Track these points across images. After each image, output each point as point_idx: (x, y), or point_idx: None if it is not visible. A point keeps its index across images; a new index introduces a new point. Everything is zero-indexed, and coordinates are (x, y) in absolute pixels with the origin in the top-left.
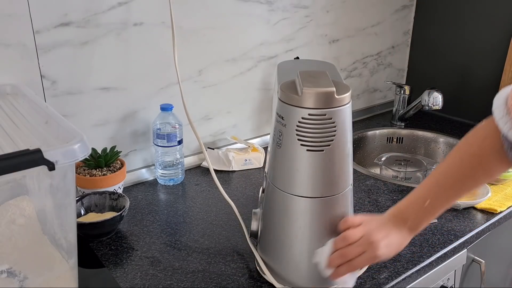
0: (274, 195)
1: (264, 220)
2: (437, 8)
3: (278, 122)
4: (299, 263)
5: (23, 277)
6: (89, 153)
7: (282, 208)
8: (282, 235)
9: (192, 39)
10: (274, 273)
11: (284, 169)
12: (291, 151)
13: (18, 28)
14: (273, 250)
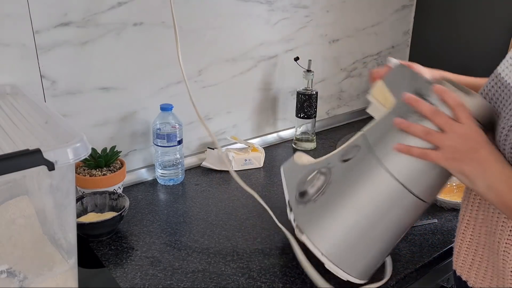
0: (379, 177)
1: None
2: (437, 8)
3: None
4: (367, 252)
5: (23, 277)
6: (89, 153)
7: (380, 193)
8: (363, 219)
9: (192, 39)
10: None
11: (415, 162)
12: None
13: (18, 28)
14: (334, 227)
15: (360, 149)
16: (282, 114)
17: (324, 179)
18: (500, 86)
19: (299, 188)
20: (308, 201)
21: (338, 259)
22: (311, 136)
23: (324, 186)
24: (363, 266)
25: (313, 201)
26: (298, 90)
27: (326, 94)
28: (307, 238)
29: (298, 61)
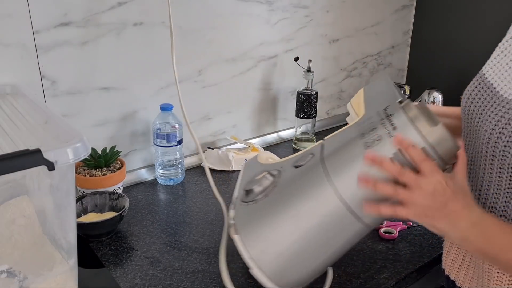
0: (323, 192)
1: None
2: (437, 8)
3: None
4: (298, 266)
5: (23, 277)
6: (89, 153)
7: (321, 208)
8: (298, 231)
9: (192, 39)
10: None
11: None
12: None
13: (18, 28)
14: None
15: (314, 158)
16: (282, 114)
17: (271, 181)
18: (483, 86)
19: (247, 186)
20: (250, 201)
21: (265, 266)
22: (311, 136)
23: (269, 188)
24: (291, 279)
25: (255, 201)
26: (298, 90)
27: (326, 94)
28: (239, 239)
29: (298, 61)
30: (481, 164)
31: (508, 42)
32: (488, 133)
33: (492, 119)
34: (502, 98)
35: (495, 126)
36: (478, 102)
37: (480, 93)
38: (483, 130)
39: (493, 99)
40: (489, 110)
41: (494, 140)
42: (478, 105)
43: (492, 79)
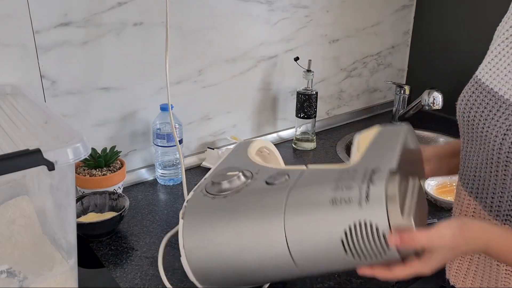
0: (273, 223)
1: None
2: (437, 8)
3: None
4: (224, 278)
5: (23, 277)
6: (89, 153)
7: (263, 236)
8: (235, 246)
9: (192, 39)
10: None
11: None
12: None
13: (18, 28)
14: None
15: (286, 182)
16: (282, 114)
17: (237, 184)
18: (481, 91)
19: (216, 178)
20: (210, 194)
21: (193, 260)
22: (311, 136)
23: (230, 191)
24: (212, 282)
25: (212, 197)
26: (298, 90)
27: (326, 94)
28: (182, 224)
29: (298, 61)
30: (492, 171)
31: (500, 46)
32: (500, 139)
33: (502, 124)
34: (509, 103)
35: (508, 131)
36: (479, 108)
37: (480, 99)
38: (492, 136)
39: (497, 104)
40: (496, 115)
41: (508, 146)
42: (480, 111)
43: (491, 84)
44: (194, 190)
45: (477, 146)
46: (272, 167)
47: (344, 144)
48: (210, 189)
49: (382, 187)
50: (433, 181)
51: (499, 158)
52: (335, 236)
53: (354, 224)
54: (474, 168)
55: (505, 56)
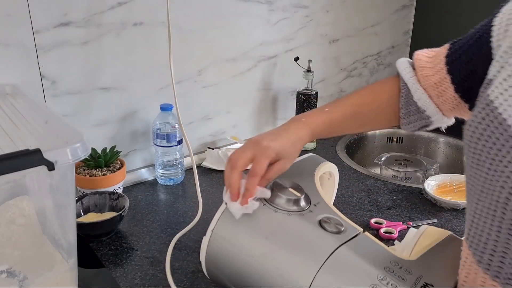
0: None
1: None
2: (437, 8)
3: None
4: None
5: (23, 277)
6: (88, 153)
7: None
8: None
9: (192, 39)
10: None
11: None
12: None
13: (18, 28)
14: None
15: (338, 235)
16: (282, 114)
17: (293, 208)
18: (493, 120)
19: (277, 185)
20: (262, 200)
21: (212, 246)
22: None
23: (283, 209)
24: (216, 275)
25: (264, 204)
26: (298, 90)
27: (326, 94)
28: (222, 210)
29: (298, 61)
30: (493, 225)
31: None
32: (507, 192)
33: (510, 173)
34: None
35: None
36: (488, 142)
37: (490, 129)
38: (498, 185)
39: (509, 143)
40: (505, 158)
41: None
42: (489, 146)
43: (504, 112)
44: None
45: (479, 188)
46: (332, 209)
47: (344, 144)
48: (267, 196)
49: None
50: (433, 181)
51: (504, 214)
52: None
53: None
54: (473, 213)
55: None
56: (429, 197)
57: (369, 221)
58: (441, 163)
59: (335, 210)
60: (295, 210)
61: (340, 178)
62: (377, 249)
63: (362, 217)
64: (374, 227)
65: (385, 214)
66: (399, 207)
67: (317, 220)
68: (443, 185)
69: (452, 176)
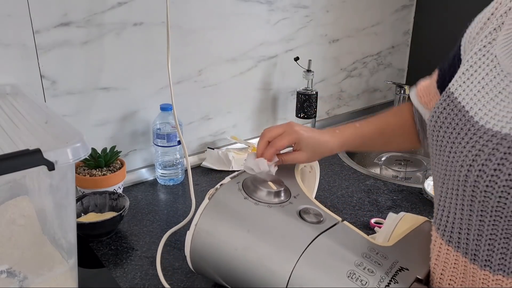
0: (287, 257)
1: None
2: (437, 8)
3: None
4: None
5: (23, 277)
6: (89, 153)
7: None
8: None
9: (192, 39)
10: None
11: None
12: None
13: (18, 28)
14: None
15: (317, 225)
16: (282, 114)
17: (273, 200)
18: (453, 108)
19: (257, 180)
20: (243, 192)
21: (196, 240)
22: None
23: (264, 201)
24: (201, 267)
25: (245, 197)
26: (298, 90)
27: (326, 94)
28: (204, 205)
29: (298, 61)
30: (457, 203)
31: (477, 55)
32: (465, 170)
33: (468, 153)
34: (477, 126)
35: (473, 162)
36: (448, 128)
37: (451, 117)
38: (457, 164)
39: (466, 126)
40: (463, 140)
41: (473, 179)
42: (449, 131)
43: (463, 100)
44: (231, 178)
45: (443, 172)
46: (311, 200)
47: None
48: (247, 187)
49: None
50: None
51: (464, 192)
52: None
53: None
54: (439, 197)
55: (481, 68)
56: (429, 197)
57: (369, 221)
58: None
59: (315, 201)
60: (275, 202)
61: (340, 178)
62: (355, 237)
63: (362, 217)
64: (374, 227)
65: (385, 214)
66: (399, 207)
67: (297, 211)
68: None
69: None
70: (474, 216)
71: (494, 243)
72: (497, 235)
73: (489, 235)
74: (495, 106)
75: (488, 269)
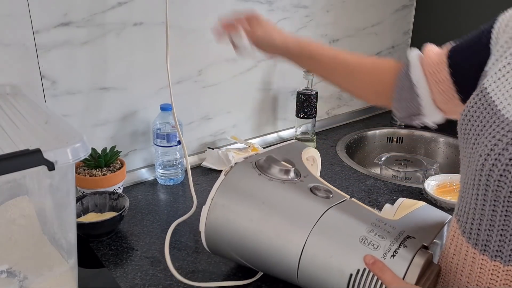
0: (299, 230)
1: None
2: (437, 8)
3: None
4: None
5: (23, 277)
6: (89, 153)
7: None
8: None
9: (192, 39)
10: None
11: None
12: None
13: (18, 28)
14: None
15: (328, 199)
16: (282, 114)
17: (286, 177)
18: (483, 102)
19: (271, 158)
20: (257, 169)
21: (212, 215)
22: (311, 136)
23: (277, 178)
24: (216, 245)
25: (259, 174)
26: (298, 90)
27: (326, 94)
28: (220, 181)
29: None
30: (473, 193)
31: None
32: (483, 159)
33: (488, 142)
34: (502, 118)
35: (491, 151)
36: (476, 121)
37: (480, 110)
38: (477, 154)
39: (492, 119)
40: (487, 131)
41: (488, 168)
42: (476, 124)
43: (494, 95)
44: (245, 158)
45: (466, 163)
46: (320, 180)
47: (344, 144)
48: (260, 165)
49: (412, 253)
50: (433, 181)
51: (480, 181)
52: (347, 268)
53: (370, 269)
54: (462, 188)
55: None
56: (429, 197)
57: None
58: (441, 163)
59: (323, 181)
60: (287, 179)
61: (340, 178)
62: (363, 210)
63: None
64: None
65: None
66: None
67: (308, 188)
68: (443, 185)
69: (452, 176)
70: (488, 206)
71: (506, 234)
72: (509, 225)
73: (500, 225)
74: None
75: (499, 259)
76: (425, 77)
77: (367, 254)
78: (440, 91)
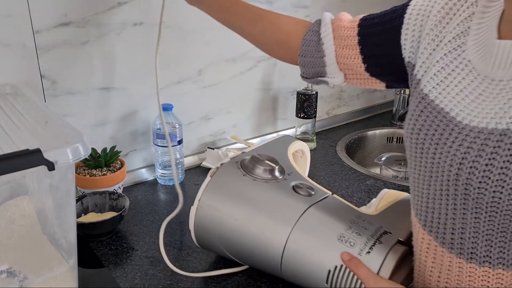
0: (282, 227)
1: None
2: None
3: None
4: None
5: (23, 277)
6: (89, 153)
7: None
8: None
9: (191, 39)
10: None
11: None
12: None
13: (18, 28)
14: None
15: (309, 197)
16: (282, 114)
17: (269, 176)
18: (431, 111)
19: (255, 159)
20: (242, 170)
21: (200, 215)
22: (311, 136)
23: (261, 177)
24: (205, 241)
25: (244, 174)
26: (298, 90)
27: (326, 94)
28: (207, 182)
29: None
30: (448, 203)
31: (447, 56)
32: (455, 168)
33: (456, 151)
34: (461, 125)
35: (464, 160)
36: (429, 130)
37: (430, 119)
38: (446, 164)
39: (449, 126)
40: (448, 140)
41: (465, 177)
42: (431, 133)
43: (441, 103)
44: (231, 158)
45: (428, 174)
46: (304, 177)
47: (344, 144)
48: (245, 166)
49: (386, 249)
50: None
51: (456, 191)
52: (326, 264)
53: (346, 265)
54: (426, 199)
55: (455, 71)
56: None
57: None
58: None
59: (307, 178)
60: (271, 178)
61: (340, 178)
62: (344, 207)
63: None
64: None
65: None
66: None
67: (291, 186)
68: None
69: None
70: (469, 214)
71: (492, 238)
72: (494, 230)
73: (485, 231)
74: (477, 106)
75: (488, 264)
76: (333, 38)
77: (344, 251)
78: (345, 55)
